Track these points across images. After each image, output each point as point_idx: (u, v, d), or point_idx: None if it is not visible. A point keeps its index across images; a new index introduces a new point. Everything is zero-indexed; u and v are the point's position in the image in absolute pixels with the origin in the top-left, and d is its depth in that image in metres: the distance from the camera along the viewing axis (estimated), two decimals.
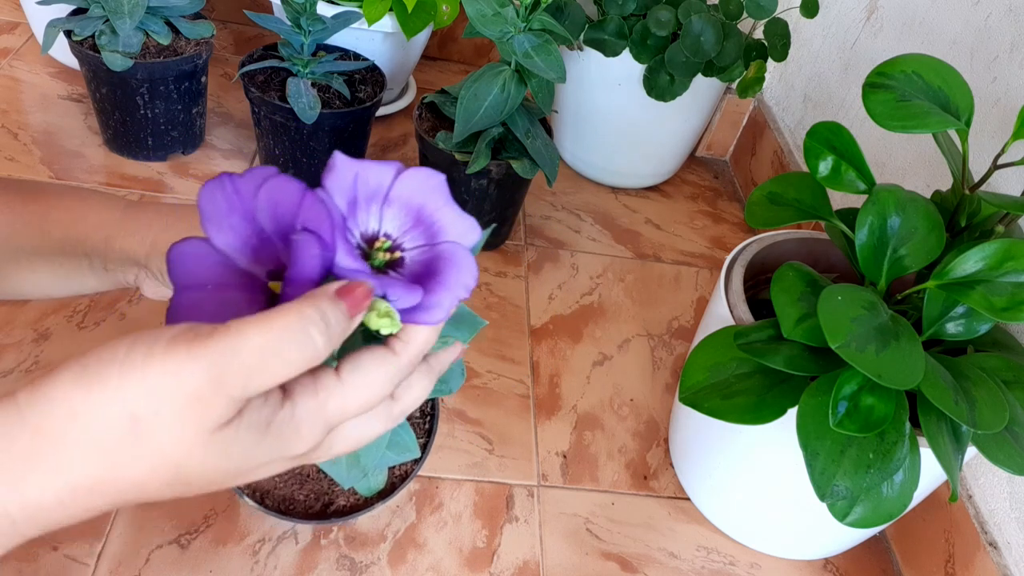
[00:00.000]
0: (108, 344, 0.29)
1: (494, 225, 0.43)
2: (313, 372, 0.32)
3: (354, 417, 0.34)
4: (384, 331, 0.32)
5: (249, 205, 0.33)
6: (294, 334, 0.29)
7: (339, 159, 0.33)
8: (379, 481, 0.60)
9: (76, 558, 0.67)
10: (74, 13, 1.00)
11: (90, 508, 0.30)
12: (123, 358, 0.29)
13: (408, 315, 0.33)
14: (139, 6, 0.93)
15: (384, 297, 0.32)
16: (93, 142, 1.09)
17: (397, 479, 0.62)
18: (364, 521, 0.75)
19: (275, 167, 0.33)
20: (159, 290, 0.54)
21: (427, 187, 0.34)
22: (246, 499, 0.58)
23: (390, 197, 0.34)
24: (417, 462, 0.63)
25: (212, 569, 0.69)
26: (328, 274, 0.32)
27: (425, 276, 0.33)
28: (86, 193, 0.52)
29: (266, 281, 0.34)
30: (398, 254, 0.34)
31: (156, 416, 0.28)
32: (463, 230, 0.35)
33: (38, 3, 0.97)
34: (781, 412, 0.62)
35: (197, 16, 1.05)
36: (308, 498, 0.60)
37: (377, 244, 0.34)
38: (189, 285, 0.33)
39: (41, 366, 0.80)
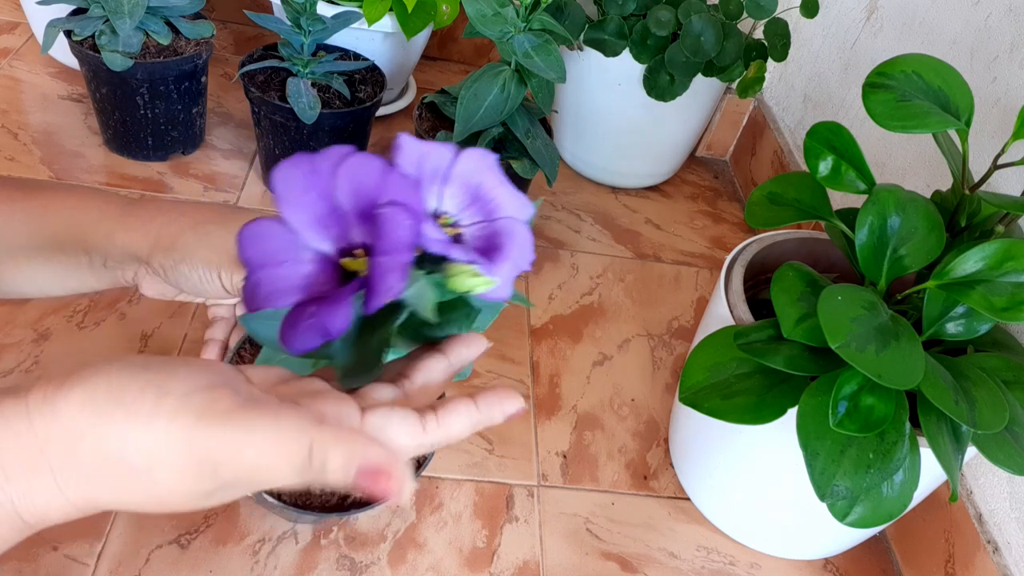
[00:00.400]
0: (118, 373, 0.30)
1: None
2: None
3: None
4: (479, 290, 0.33)
5: (326, 183, 0.33)
6: (294, 459, 0.29)
7: (405, 140, 0.34)
8: None
9: (76, 558, 0.67)
10: (74, 13, 1.00)
11: (90, 510, 0.31)
12: (130, 403, 0.29)
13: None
14: (139, 6, 0.93)
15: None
16: (93, 142, 1.09)
17: (412, 467, 0.63)
18: (364, 521, 0.75)
19: (351, 146, 0.34)
20: (158, 288, 0.53)
21: (483, 166, 0.36)
22: (264, 495, 0.58)
23: (450, 176, 0.35)
24: (423, 462, 0.63)
25: (212, 569, 0.69)
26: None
27: (487, 251, 0.34)
28: (84, 190, 0.52)
29: (338, 260, 0.34)
30: (459, 230, 0.35)
31: (150, 472, 0.29)
32: (518, 206, 0.36)
33: (38, 3, 0.97)
34: (781, 412, 0.62)
35: (197, 16, 1.05)
36: (324, 493, 0.60)
37: (440, 221, 0.35)
38: (265, 263, 0.33)
39: (41, 366, 0.80)
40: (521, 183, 1.02)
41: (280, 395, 0.33)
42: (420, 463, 0.63)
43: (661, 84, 1.09)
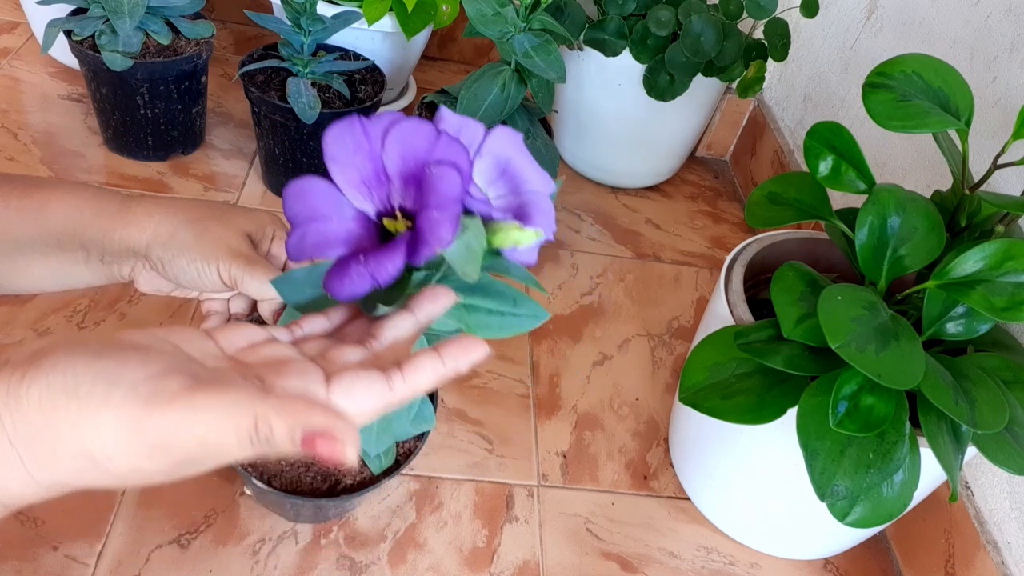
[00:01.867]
0: (73, 364, 0.30)
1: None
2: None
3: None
4: (523, 243, 0.36)
5: (375, 146, 0.35)
6: (241, 433, 0.30)
7: (447, 112, 0.36)
8: (389, 458, 0.61)
9: (76, 558, 0.67)
10: (74, 13, 1.00)
11: (64, 490, 0.32)
12: (83, 396, 0.30)
13: (506, 252, 0.37)
14: (139, 6, 0.93)
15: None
16: (93, 142, 1.09)
17: (402, 456, 0.63)
18: (364, 521, 0.75)
19: (400, 113, 0.36)
20: (154, 282, 0.53)
21: (512, 143, 0.38)
22: (254, 481, 0.58)
23: (482, 150, 0.37)
24: (421, 438, 0.63)
25: (212, 569, 0.69)
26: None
27: (515, 219, 0.37)
28: (82, 187, 0.52)
29: (379, 221, 0.37)
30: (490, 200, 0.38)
31: (108, 460, 0.30)
32: (543, 182, 0.39)
33: (38, 3, 0.97)
34: (781, 412, 0.62)
35: (197, 16, 1.05)
36: (315, 480, 0.60)
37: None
38: (310, 218, 0.35)
39: None
40: None
41: (244, 363, 0.34)
42: (408, 455, 0.63)
43: (661, 84, 1.09)
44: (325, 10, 1.04)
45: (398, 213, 0.36)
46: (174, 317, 0.88)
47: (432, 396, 0.65)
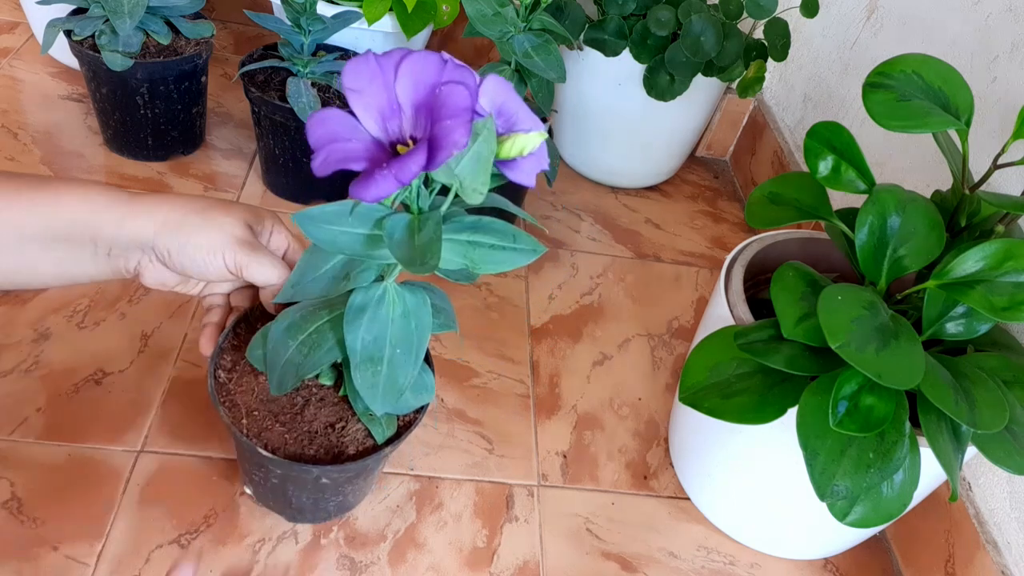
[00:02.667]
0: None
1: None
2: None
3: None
4: (530, 146, 0.41)
5: (388, 77, 0.40)
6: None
7: (448, 55, 0.40)
8: (391, 428, 0.62)
9: (76, 558, 0.67)
10: (74, 13, 1.00)
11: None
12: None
13: (507, 172, 0.42)
14: (139, 6, 0.93)
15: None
16: (93, 142, 1.09)
17: (402, 427, 0.63)
18: (364, 521, 0.75)
19: (406, 48, 0.41)
20: (159, 276, 0.55)
21: (505, 88, 0.43)
22: (259, 449, 0.59)
23: (479, 93, 0.41)
24: (421, 411, 0.64)
25: (212, 569, 0.69)
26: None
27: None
28: (91, 182, 0.54)
29: (392, 147, 0.41)
30: None
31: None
32: (535, 121, 0.43)
33: (38, 3, 0.97)
34: (781, 412, 0.62)
35: (197, 16, 1.05)
36: (318, 452, 0.61)
37: None
38: (332, 139, 0.40)
39: (41, 366, 0.80)
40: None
41: None
42: (408, 426, 0.63)
43: (661, 84, 1.09)
44: (325, 10, 1.04)
45: (410, 142, 0.41)
46: (174, 317, 0.88)
47: (427, 359, 0.66)
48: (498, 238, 0.47)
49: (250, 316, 0.66)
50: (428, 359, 0.66)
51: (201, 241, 0.53)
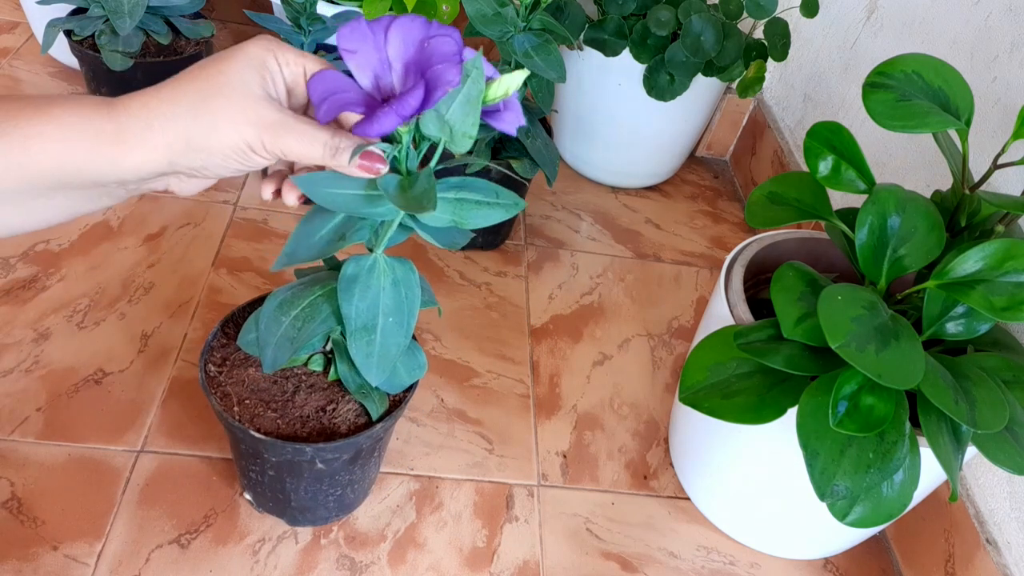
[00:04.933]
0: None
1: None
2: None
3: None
4: (515, 86, 0.45)
5: (379, 40, 0.44)
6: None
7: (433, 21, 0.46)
8: (383, 404, 0.64)
9: (76, 558, 0.67)
10: (74, 13, 1.00)
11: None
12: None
13: (493, 122, 0.46)
14: (139, 6, 0.93)
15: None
16: None
17: (393, 405, 0.65)
18: (364, 521, 0.75)
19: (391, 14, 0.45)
20: (193, 185, 0.51)
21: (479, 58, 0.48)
22: (252, 432, 0.61)
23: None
24: (410, 389, 0.66)
25: (212, 569, 0.69)
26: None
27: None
28: (59, 111, 0.44)
29: (382, 102, 0.44)
30: None
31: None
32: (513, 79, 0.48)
33: (38, 3, 0.97)
34: (781, 412, 0.62)
35: (197, 16, 1.05)
36: (311, 434, 0.63)
37: None
38: (332, 92, 0.44)
39: (41, 366, 0.80)
40: (521, 183, 1.02)
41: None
42: (399, 403, 0.65)
43: (661, 84, 1.09)
44: (325, 10, 1.04)
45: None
46: (174, 317, 0.88)
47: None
48: (482, 195, 0.52)
49: (237, 316, 0.69)
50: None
51: (217, 149, 0.46)
